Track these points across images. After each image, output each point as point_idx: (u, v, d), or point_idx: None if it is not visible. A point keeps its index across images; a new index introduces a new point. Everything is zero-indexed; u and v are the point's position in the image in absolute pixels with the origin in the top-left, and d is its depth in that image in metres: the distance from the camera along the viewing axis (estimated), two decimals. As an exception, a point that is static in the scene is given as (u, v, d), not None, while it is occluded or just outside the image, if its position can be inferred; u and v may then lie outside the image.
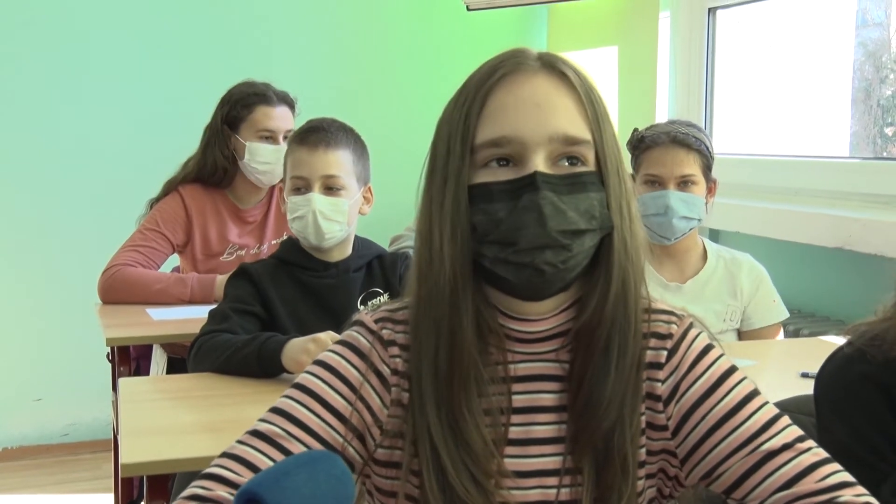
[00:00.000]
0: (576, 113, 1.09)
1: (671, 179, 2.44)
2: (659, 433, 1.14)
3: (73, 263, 4.19)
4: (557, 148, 1.08)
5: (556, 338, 1.14)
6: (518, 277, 1.07)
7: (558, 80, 1.10)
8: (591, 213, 1.07)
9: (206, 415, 1.92)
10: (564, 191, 1.07)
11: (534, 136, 1.07)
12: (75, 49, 4.20)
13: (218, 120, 3.07)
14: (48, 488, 3.94)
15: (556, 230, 1.05)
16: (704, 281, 2.56)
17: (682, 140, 2.44)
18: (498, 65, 1.12)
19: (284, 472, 0.85)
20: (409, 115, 4.24)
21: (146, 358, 2.95)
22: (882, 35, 3.33)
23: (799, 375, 2.15)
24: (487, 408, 1.11)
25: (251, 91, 3.05)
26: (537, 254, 1.05)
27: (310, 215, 2.22)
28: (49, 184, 4.22)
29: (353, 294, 2.30)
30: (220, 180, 3.07)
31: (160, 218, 3.04)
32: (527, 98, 1.09)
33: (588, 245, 1.08)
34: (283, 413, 1.11)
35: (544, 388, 1.14)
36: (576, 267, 1.08)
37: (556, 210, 1.05)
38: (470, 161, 1.10)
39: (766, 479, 1.07)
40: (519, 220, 1.05)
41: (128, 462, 1.65)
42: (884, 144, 3.28)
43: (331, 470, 0.88)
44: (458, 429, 1.08)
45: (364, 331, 1.17)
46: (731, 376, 1.13)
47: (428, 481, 1.08)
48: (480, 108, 1.10)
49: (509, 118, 1.09)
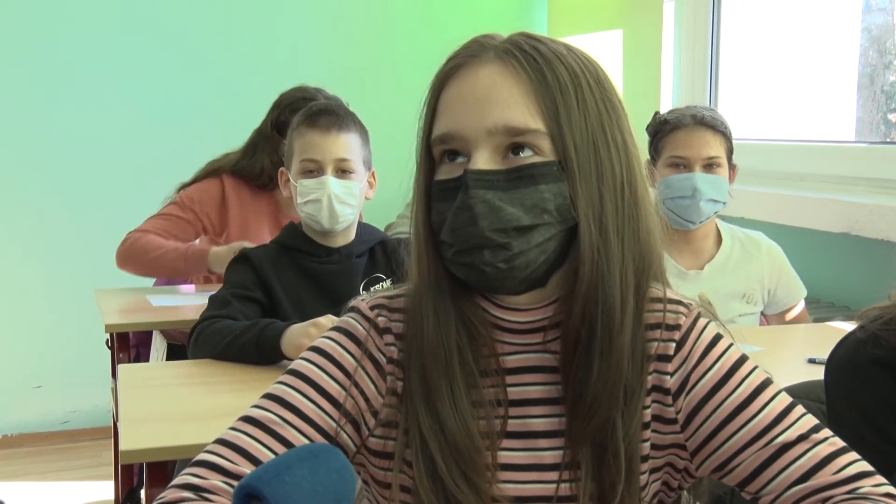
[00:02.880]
0: (524, 101, 1.03)
1: (697, 161, 2.41)
2: (668, 426, 1.10)
3: (72, 250, 4.20)
4: (502, 140, 1.03)
5: (547, 329, 1.10)
6: (467, 277, 1.05)
7: (510, 67, 1.04)
8: (541, 206, 1.02)
9: (206, 401, 1.91)
10: (506, 186, 1.02)
11: (473, 131, 1.03)
12: (72, 42, 4.20)
13: (268, 125, 3.05)
14: (48, 476, 3.94)
15: (490, 229, 1.00)
16: (722, 263, 2.53)
17: (708, 122, 2.42)
18: (454, 56, 1.09)
19: (285, 467, 0.83)
20: (407, 100, 4.17)
21: (146, 345, 2.95)
22: (886, 20, 3.30)
23: (806, 361, 2.14)
24: (478, 400, 1.08)
25: (301, 96, 3.01)
26: (476, 254, 1.02)
27: (325, 199, 2.22)
28: (49, 172, 4.22)
29: (355, 280, 2.29)
30: (266, 184, 3.05)
31: (196, 197, 3.04)
32: (469, 91, 1.05)
33: (541, 240, 1.02)
34: (276, 399, 1.09)
35: (537, 379, 1.11)
36: (530, 264, 1.03)
37: (490, 208, 1.00)
38: (431, 157, 1.08)
39: (782, 472, 1.04)
40: (455, 221, 1.02)
41: (127, 449, 1.65)
42: (887, 130, 3.25)
43: (331, 464, 0.86)
44: (443, 421, 1.06)
45: (359, 317, 1.15)
46: (743, 366, 1.10)
47: (418, 473, 1.06)
48: (435, 103, 1.08)
49: (453, 113, 1.05)
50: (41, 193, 4.21)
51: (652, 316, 1.10)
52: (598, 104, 1.06)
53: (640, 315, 1.08)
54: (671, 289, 1.14)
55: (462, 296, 1.09)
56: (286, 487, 0.81)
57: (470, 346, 1.08)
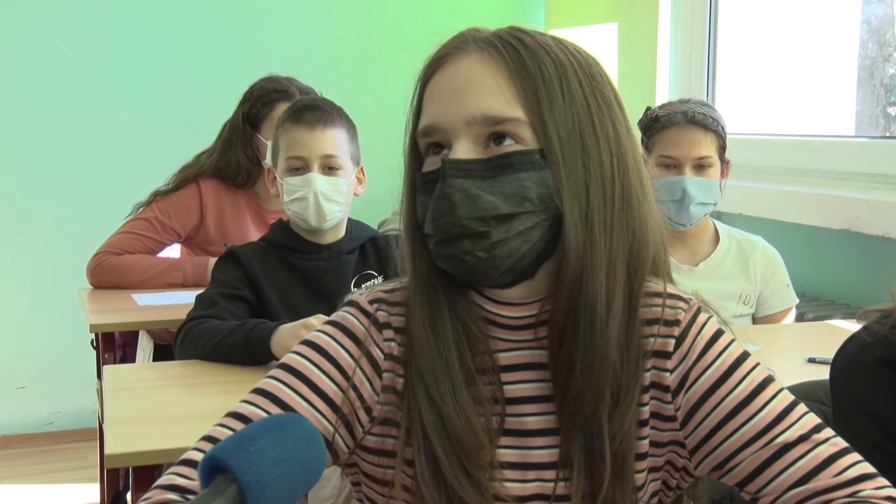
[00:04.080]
0: (502, 90, 1.03)
1: (687, 161, 2.39)
2: (667, 424, 1.09)
3: (56, 248, 4.19)
4: (482, 130, 1.03)
5: (539, 325, 1.09)
6: (450, 268, 1.05)
7: (488, 57, 1.04)
8: (521, 195, 1.01)
9: (194, 403, 1.89)
10: (486, 174, 1.02)
11: (452, 122, 1.03)
12: (56, 40, 4.17)
13: (239, 118, 2.99)
14: (32, 478, 3.92)
15: (468, 217, 1.00)
16: (717, 263, 2.52)
17: (699, 120, 2.39)
18: (440, 49, 1.09)
19: (249, 438, 0.81)
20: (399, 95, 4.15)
21: (132, 345, 2.93)
22: (886, 12, 3.28)
23: (806, 360, 2.12)
24: (477, 397, 1.07)
25: (272, 87, 2.97)
26: (456, 244, 1.02)
27: (311, 196, 2.20)
28: (31, 172, 4.19)
29: (346, 277, 2.27)
30: (244, 182, 2.99)
31: (172, 211, 2.97)
32: (450, 83, 1.05)
33: (522, 228, 1.02)
34: (268, 395, 1.07)
35: (530, 377, 1.10)
36: (512, 253, 1.02)
37: (468, 196, 1.01)
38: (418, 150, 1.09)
39: (782, 473, 1.02)
40: (434, 211, 1.03)
41: (113, 453, 1.63)
42: (887, 125, 3.22)
43: (298, 433, 0.84)
44: (446, 417, 1.04)
45: (358, 312, 1.13)
46: (744, 363, 1.08)
47: (420, 471, 1.04)
48: (421, 95, 1.09)
49: (434, 105, 1.06)
50: (24, 191, 4.19)
51: (649, 311, 1.09)
52: (588, 96, 1.05)
53: (633, 310, 1.06)
54: (672, 284, 1.13)
55: (455, 291, 1.08)
56: (251, 458, 0.79)
57: (467, 343, 1.07)
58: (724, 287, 2.48)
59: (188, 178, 3.00)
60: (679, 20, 3.78)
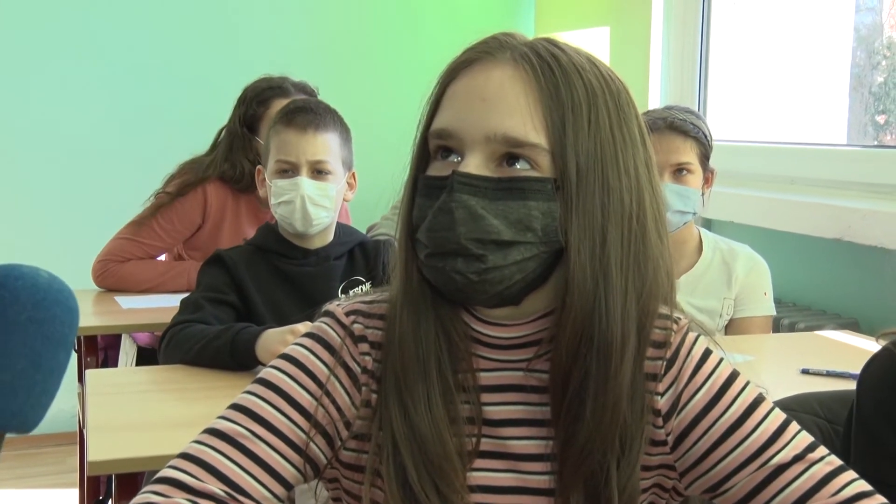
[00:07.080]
0: (529, 112, 0.98)
1: (666, 167, 2.37)
2: (657, 448, 1.07)
3: (34, 249, 4.11)
4: (498, 148, 0.98)
5: (531, 346, 1.06)
6: (437, 282, 1.01)
7: (522, 72, 0.99)
8: (525, 223, 0.97)
9: (178, 409, 1.88)
10: (494, 195, 0.97)
11: (471, 133, 0.99)
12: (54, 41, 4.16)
13: (237, 122, 2.97)
14: (8, 483, 3.87)
15: (467, 237, 0.96)
16: (699, 275, 2.49)
17: (679, 126, 2.37)
18: (470, 49, 1.04)
19: None
20: (392, 99, 4.15)
21: (114, 347, 2.90)
22: (875, 20, 3.29)
23: (799, 371, 2.10)
24: (454, 416, 1.04)
25: (266, 86, 2.96)
26: (448, 260, 0.98)
27: (298, 200, 2.17)
28: (26, 174, 4.17)
29: (333, 282, 2.25)
30: (248, 185, 2.94)
31: (176, 216, 2.95)
32: (476, 90, 1.00)
33: (517, 259, 0.98)
34: (245, 410, 1.05)
35: (518, 399, 1.07)
36: (503, 280, 0.98)
37: (472, 215, 0.97)
38: (427, 148, 1.05)
39: (778, 494, 1.01)
40: (433, 222, 0.98)
41: (95, 460, 1.60)
42: (875, 133, 3.22)
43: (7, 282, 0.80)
44: (416, 428, 1.02)
45: (334, 323, 1.10)
46: (735, 383, 1.07)
47: (388, 483, 1.02)
48: (441, 94, 1.04)
49: (455, 109, 1.01)
50: (11, 197, 4.16)
51: None
52: (614, 128, 1.01)
53: (643, 355, 1.03)
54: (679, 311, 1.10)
55: (442, 303, 1.05)
56: None
57: (449, 358, 1.04)
58: (704, 302, 2.46)
59: (193, 183, 2.97)
60: (671, 25, 3.78)
